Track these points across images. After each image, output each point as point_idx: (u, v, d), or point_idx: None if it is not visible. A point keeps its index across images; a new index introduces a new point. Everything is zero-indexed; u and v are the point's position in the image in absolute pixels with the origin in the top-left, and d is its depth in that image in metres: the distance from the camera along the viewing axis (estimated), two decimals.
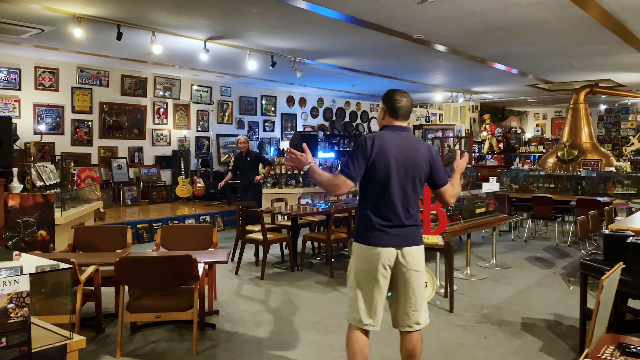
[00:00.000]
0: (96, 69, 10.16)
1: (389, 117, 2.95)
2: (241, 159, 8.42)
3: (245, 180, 8.40)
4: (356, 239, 2.91)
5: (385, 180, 2.81)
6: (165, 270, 3.67)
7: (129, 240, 4.95)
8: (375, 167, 2.80)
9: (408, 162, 2.85)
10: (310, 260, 6.86)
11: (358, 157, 2.80)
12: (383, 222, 2.82)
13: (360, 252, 2.87)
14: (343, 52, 8.86)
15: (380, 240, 2.82)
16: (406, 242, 2.87)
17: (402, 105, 2.93)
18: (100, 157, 10.35)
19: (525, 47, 8.32)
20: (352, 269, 2.93)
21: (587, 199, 8.03)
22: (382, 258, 2.81)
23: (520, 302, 5.12)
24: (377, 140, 2.83)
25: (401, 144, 2.86)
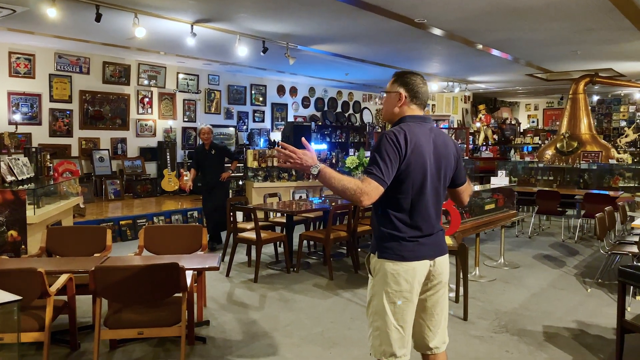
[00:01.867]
0: (75, 55, 9.56)
1: (408, 104, 2.43)
2: (204, 153, 7.21)
3: (210, 178, 7.19)
4: (382, 255, 2.38)
5: (420, 184, 2.34)
6: (149, 281, 3.19)
7: (109, 242, 4.45)
8: (410, 169, 2.30)
9: (440, 159, 2.42)
10: (306, 260, 6.40)
11: (390, 157, 2.25)
12: (416, 233, 2.37)
13: (391, 270, 2.35)
14: (339, 38, 8.37)
15: (415, 252, 2.36)
16: (439, 251, 2.45)
17: (425, 90, 2.45)
18: (80, 149, 9.77)
19: (531, 33, 7.90)
20: (378, 292, 2.38)
21: (595, 193, 7.66)
22: (418, 273, 2.37)
23: (537, 308, 4.72)
24: (409, 134, 2.31)
25: (431, 138, 2.41)
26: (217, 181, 7.16)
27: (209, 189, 7.21)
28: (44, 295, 3.22)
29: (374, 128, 15.06)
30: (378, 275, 2.39)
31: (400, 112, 2.45)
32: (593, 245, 7.49)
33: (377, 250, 2.41)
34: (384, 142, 2.28)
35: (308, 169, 2.24)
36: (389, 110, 2.49)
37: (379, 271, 2.39)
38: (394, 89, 2.44)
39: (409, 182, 2.32)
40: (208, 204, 7.23)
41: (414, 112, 2.43)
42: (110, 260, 3.85)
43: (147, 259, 3.93)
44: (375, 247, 2.43)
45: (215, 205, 7.04)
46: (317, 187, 9.29)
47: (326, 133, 14.55)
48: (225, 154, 7.48)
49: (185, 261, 3.84)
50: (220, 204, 6.87)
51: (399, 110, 2.45)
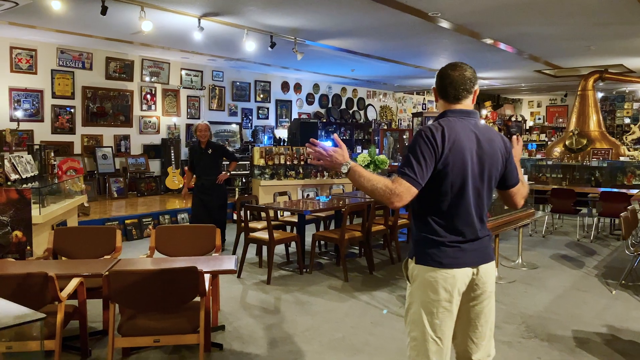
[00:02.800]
0: (78, 50, 9.35)
1: (441, 99, 2.27)
2: (200, 153, 6.61)
3: (206, 179, 6.59)
4: (420, 261, 2.22)
5: (460, 185, 2.16)
6: (166, 286, 3.01)
7: (119, 244, 4.27)
8: (448, 169, 2.12)
9: (484, 158, 2.21)
10: (318, 261, 6.23)
11: (425, 156, 2.08)
12: (455, 238, 2.19)
13: (429, 277, 2.18)
14: (348, 32, 8.17)
15: (455, 259, 2.18)
16: (483, 258, 2.26)
17: (452, 80, 2.20)
18: (83, 146, 9.57)
19: (545, 27, 7.72)
20: (416, 300, 2.23)
21: (611, 192, 7.49)
22: (459, 282, 2.19)
23: (563, 311, 4.55)
24: (447, 131, 2.12)
25: (474, 135, 2.20)
26: (213, 183, 6.61)
27: (203, 191, 6.58)
28: (54, 301, 3.04)
29: (379, 125, 14.87)
30: (416, 282, 2.24)
31: (439, 107, 2.30)
32: (610, 245, 7.33)
33: (414, 255, 2.25)
34: (418, 140, 2.12)
35: (338, 167, 2.13)
36: (436, 106, 2.36)
37: (416, 278, 2.23)
38: (434, 87, 2.31)
39: (447, 183, 2.14)
40: (199, 207, 6.56)
41: (453, 107, 2.24)
42: (121, 263, 3.67)
43: (161, 262, 3.75)
44: (412, 252, 2.27)
45: (210, 209, 6.51)
46: (325, 185, 9.12)
47: (330, 130, 14.36)
48: (223, 153, 6.92)
49: (200, 264, 3.66)
50: (218, 205, 6.59)
51: (439, 107, 2.30)
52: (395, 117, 16.91)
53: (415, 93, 17.82)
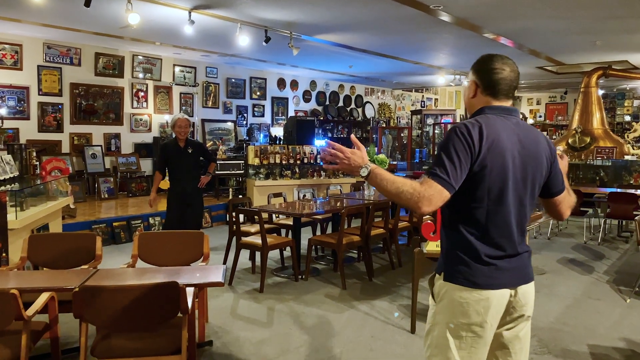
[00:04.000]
0: (65, 45, 9.01)
1: (483, 94, 2.00)
2: (178, 152, 5.66)
3: (187, 184, 5.70)
4: (449, 278, 1.94)
5: (499, 190, 1.89)
6: (143, 304, 2.70)
7: (99, 252, 3.95)
8: (486, 171, 1.86)
9: (527, 161, 1.94)
10: (314, 266, 5.92)
11: (460, 156, 1.82)
12: (494, 253, 1.91)
13: (459, 297, 1.90)
14: (346, 26, 7.86)
15: (491, 279, 1.90)
16: (523, 277, 1.98)
17: (505, 76, 1.97)
18: (72, 145, 9.24)
19: (551, 21, 7.42)
20: (441, 322, 1.95)
21: (620, 192, 7.19)
22: (494, 305, 1.90)
23: (576, 322, 4.25)
24: (485, 128, 1.87)
25: (516, 134, 1.94)
26: (195, 189, 5.80)
27: (183, 199, 5.66)
28: (18, 320, 2.73)
29: (377, 123, 14.56)
30: (443, 301, 1.96)
31: (476, 103, 2.03)
32: (618, 248, 7.05)
33: (443, 270, 1.97)
34: (452, 137, 1.86)
35: (357, 170, 1.91)
36: (466, 103, 2.11)
37: (444, 297, 1.95)
38: (470, 77, 2.06)
39: (484, 187, 1.87)
40: (177, 218, 5.67)
41: (492, 103, 2.00)
42: (99, 274, 3.36)
43: (142, 273, 3.44)
44: (441, 267, 1.99)
45: (187, 220, 5.66)
46: (322, 186, 8.82)
47: (328, 128, 14.04)
48: (202, 153, 6.04)
49: (185, 275, 3.37)
50: (197, 214, 5.85)
51: (474, 102, 2.04)
52: (393, 115, 16.61)
53: (413, 90, 17.52)
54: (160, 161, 5.85)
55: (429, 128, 14.83)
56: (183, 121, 5.68)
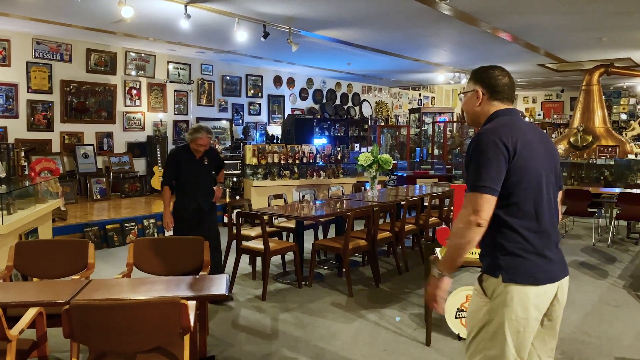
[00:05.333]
0: (56, 41, 8.69)
1: (490, 99, 2.13)
2: (192, 163, 4.71)
3: (203, 200, 4.76)
4: (509, 277, 1.94)
5: (538, 183, 2.00)
6: (140, 321, 2.44)
7: (91, 260, 3.67)
8: (525, 165, 1.95)
9: (549, 154, 2.10)
10: (317, 271, 5.66)
11: (494, 159, 1.91)
12: (545, 244, 1.99)
13: (520, 295, 1.94)
14: (347, 22, 7.59)
15: (548, 273, 1.98)
16: (565, 269, 2.09)
17: (506, 82, 2.13)
18: (62, 144, 8.93)
19: (557, 17, 7.20)
20: (498, 317, 1.97)
21: (632, 193, 6.98)
22: (548, 298, 2.02)
23: (598, 332, 4.03)
24: (510, 128, 1.98)
25: (533, 131, 2.09)
26: (210, 204, 4.87)
27: (197, 217, 4.71)
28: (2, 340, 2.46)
29: (376, 121, 14.32)
30: (499, 298, 1.98)
31: (484, 110, 2.15)
32: (629, 250, 6.85)
33: (497, 270, 1.98)
34: (482, 144, 1.95)
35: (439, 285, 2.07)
36: (470, 112, 2.20)
37: (501, 294, 1.97)
38: (469, 88, 2.18)
39: (526, 184, 1.95)
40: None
41: (501, 107, 2.13)
42: (92, 285, 3.09)
43: (138, 284, 3.17)
44: (494, 267, 1.99)
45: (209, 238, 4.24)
46: (322, 186, 8.57)
47: (325, 127, 13.78)
48: (217, 161, 5.04)
49: (185, 286, 3.11)
50: (216, 236, 4.83)
51: (481, 109, 2.16)
52: (391, 113, 16.38)
53: (410, 88, 17.30)
54: (169, 174, 4.73)
55: (427, 126, 14.61)
56: (204, 140, 4.64)
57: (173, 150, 4.95)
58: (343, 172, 9.23)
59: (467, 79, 10.06)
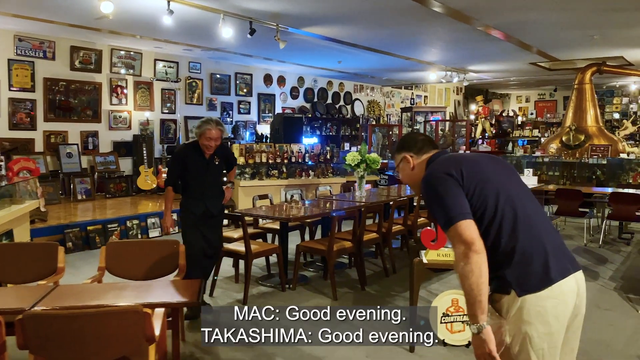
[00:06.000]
0: (38, 38, 8.51)
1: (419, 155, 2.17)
2: (200, 162, 4.27)
3: (213, 203, 4.35)
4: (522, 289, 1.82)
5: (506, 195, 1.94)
6: (100, 332, 2.29)
7: (61, 264, 3.52)
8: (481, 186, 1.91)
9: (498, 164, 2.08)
10: (303, 273, 5.52)
11: (451, 190, 1.88)
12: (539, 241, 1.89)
13: (536, 306, 1.81)
14: (336, 19, 7.46)
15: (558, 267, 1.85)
16: (574, 262, 1.96)
17: (423, 139, 2.24)
18: (46, 143, 8.74)
19: (549, 13, 7.10)
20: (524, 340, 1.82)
21: (623, 193, 6.88)
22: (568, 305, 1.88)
23: (589, 337, 3.89)
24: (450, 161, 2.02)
25: (478, 156, 2.10)
26: (220, 206, 4.48)
27: (206, 220, 4.32)
28: None
29: (367, 120, 14.19)
30: (515, 315, 1.84)
31: (420, 167, 2.15)
32: (620, 251, 6.74)
33: (508, 286, 1.84)
34: (434, 184, 1.92)
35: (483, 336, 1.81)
36: (409, 179, 2.21)
37: (517, 310, 1.83)
38: (398, 160, 2.24)
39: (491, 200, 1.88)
40: (198, 242, 4.25)
41: (433, 152, 2.16)
42: (58, 291, 2.94)
43: (107, 290, 3.03)
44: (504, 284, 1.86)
45: (211, 242, 4.38)
46: (311, 186, 8.42)
47: (316, 126, 13.64)
48: (227, 158, 4.61)
49: (155, 292, 2.97)
50: (218, 238, 4.53)
51: (417, 169, 2.16)
52: (383, 112, 16.26)
53: (403, 87, 17.18)
54: (174, 173, 4.32)
55: (419, 126, 14.51)
56: (214, 133, 4.14)
57: (179, 147, 4.56)
58: (333, 172, 9.09)
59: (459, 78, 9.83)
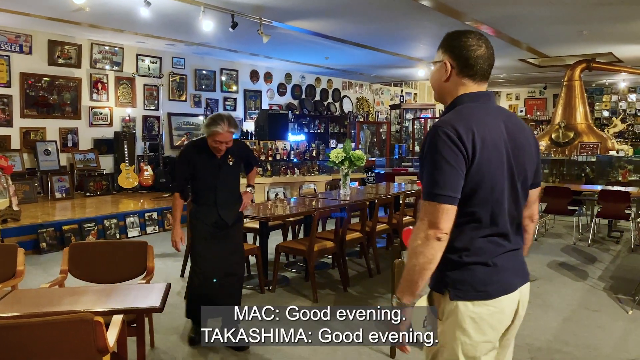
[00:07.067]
0: (14, 31, 8.25)
1: (459, 75, 1.74)
2: (210, 163, 3.64)
3: (227, 211, 3.69)
4: (457, 294, 1.66)
5: (501, 188, 1.68)
6: (46, 343, 2.10)
7: (20, 267, 3.32)
8: (484, 170, 1.63)
9: (518, 152, 1.73)
10: (284, 274, 5.34)
11: (452, 162, 1.59)
12: (497, 251, 1.69)
13: (471, 314, 1.66)
14: (321, 12, 7.27)
15: (501, 284, 1.69)
16: (525, 275, 1.81)
17: (482, 54, 1.73)
18: (22, 140, 8.48)
19: (537, 8, 6.95)
20: (451, 342, 1.69)
21: (612, 190, 6.76)
22: (507, 315, 1.73)
23: (577, 340, 3.76)
24: (472, 124, 1.63)
25: (502, 123, 1.72)
26: (235, 216, 3.79)
27: (218, 230, 3.67)
28: None
29: (355, 118, 14.03)
30: (450, 319, 1.70)
31: (451, 87, 1.77)
32: (610, 250, 6.62)
33: (444, 287, 1.70)
34: (438, 143, 1.61)
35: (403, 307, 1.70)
36: (436, 87, 1.83)
37: (450, 314, 1.69)
38: (438, 58, 1.80)
39: (486, 189, 1.64)
40: (209, 257, 3.64)
41: (470, 89, 1.75)
42: (11, 296, 2.74)
43: (65, 295, 2.83)
44: (440, 282, 1.71)
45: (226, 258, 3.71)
46: (296, 184, 8.24)
47: (304, 123, 13.46)
48: (245, 157, 3.96)
49: (116, 297, 2.78)
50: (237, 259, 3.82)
51: (448, 86, 1.78)
52: (372, 110, 16.10)
53: (392, 84, 17.03)
54: (181, 176, 3.70)
55: (409, 123, 14.36)
56: (224, 136, 3.50)
57: (186, 146, 3.91)
58: (318, 170, 8.92)
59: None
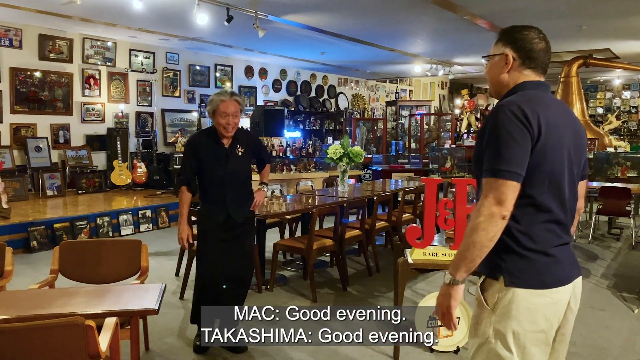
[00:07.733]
0: (4, 25, 8.06)
1: (521, 67, 1.76)
2: (218, 153, 3.36)
3: (237, 209, 3.41)
4: (512, 281, 1.63)
5: (559, 172, 1.66)
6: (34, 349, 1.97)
7: (8, 267, 3.18)
8: (547, 152, 1.62)
9: (577, 139, 1.75)
10: (281, 273, 5.22)
11: (518, 138, 1.58)
12: (555, 242, 1.67)
13: (527, 303, 1.63)
14: (317, 6, 7.15)
15: (557, 274, 1.66)
16: (579, 268, 1.80)
17: (543, 47, 1.76)
18: (12, 136, 8.30)
19: (537, 2, 6.87)
20: (503, 331, 1.64)
21: (612, 187, 6.67)
22: (561, 306, 1.70)
23: (585, 341, 3.66)
24: (536, 105, 1.63)
25: (563, 111, 1.74)
26: (246, 214, 3.49)
27: (227, 231, 3.40)
28: None
29: (351, 114, 13.91)
30: (502, 309, 1.65)
31: (512, 79, 1.78)
32: (610, 247, 6.55)
33: (499, 272, 1.66)
34: (505, 120, 1.60)
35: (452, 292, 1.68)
36: (494, 80, 1.82)
37: (503, 302, 1.65)
38: (497, 50, 1.80)
39: (545, 171, 1.62)
40: (216, 258, 3.39)
41: (531, 77, 1.76)
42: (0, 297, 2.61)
43: (55, 296, 2.70)
44: (495, 268, 1.67)
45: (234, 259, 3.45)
46: (292, 181, 8.12)
47: (299, 119, 13.34)
48: (257, 152, 3.72)
49: (109, 298, 2.65)
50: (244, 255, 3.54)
51: (508, 78, 1.78)
52: (367, 106, 15.99)
53: (388, 81, 16.92)
54: (187, 168, 3.41)
55: (404, 120, 14.27)
56: (229, 105, 3.24)
57: (192, 136, 3.68)
58: (315, 166, 8.79)
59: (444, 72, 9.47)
